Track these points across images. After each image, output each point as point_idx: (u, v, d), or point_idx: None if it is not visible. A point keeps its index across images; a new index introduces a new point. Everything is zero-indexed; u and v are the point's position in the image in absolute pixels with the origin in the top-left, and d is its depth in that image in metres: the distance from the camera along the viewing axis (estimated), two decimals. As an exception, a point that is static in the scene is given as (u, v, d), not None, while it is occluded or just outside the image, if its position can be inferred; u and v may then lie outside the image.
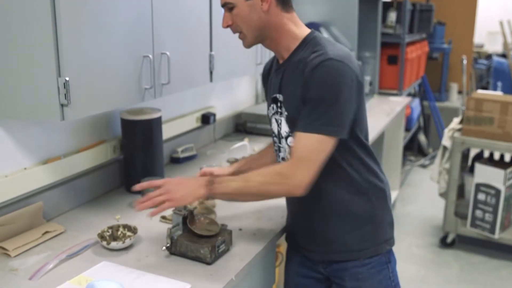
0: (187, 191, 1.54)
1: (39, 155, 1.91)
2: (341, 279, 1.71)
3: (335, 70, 1.45)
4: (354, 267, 1.67)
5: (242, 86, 3.39)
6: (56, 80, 1.47)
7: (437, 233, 4.10)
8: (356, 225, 1.65)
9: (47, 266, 1.57)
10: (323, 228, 1.67)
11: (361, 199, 1.64)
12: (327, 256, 1.71)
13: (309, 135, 1.47)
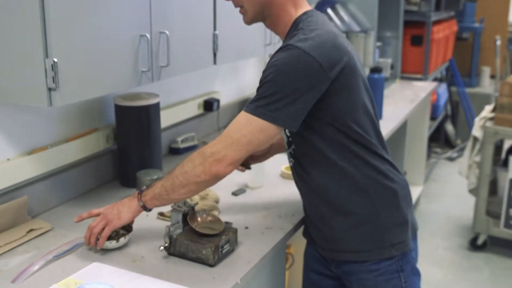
0: (122, 208, 1.66)
1: (23, 144, 1.91)
2: (349, 282, 1.74)
3: (289, 57, 1.47)
4: (360, 272, 1.68)
5: (249, 69, 3.38)
6: (43, 62, 1.46)
7: (466, 234, 4.09)
8: (354, 223, 1.65)
9: (32, 267, 1.58)
10: (323, 224, 1.71)
11: (359, 196, 1.63)
12: (333, 254, 1.74)
13: (243, 114, 1.51)
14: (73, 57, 1.53)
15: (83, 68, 1.57)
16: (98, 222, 1.65)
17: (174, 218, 1.67)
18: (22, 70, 1.50)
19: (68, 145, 2.06)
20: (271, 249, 1.74)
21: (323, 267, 1.82)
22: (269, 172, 2.33)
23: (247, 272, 1.60)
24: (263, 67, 3.61)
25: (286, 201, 2.08)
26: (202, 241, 1.61)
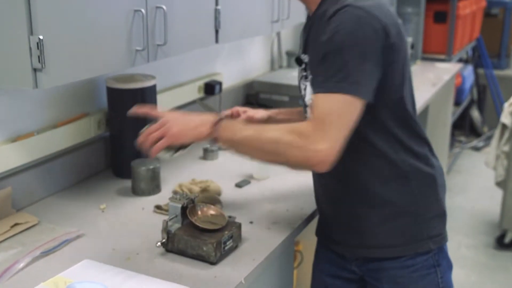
0: (188, 126, 1.58)
1: (7, 130, 1.92)
2: (377, 281, 1.72)
3: (353, 18, 1.45)
4: (393, 269, 1.68)
5: (255, 49, 3.37)
6: (27, 39, 1.46)
7: (492, 231, 4.10)
8: (389, 215, 1.65)
9: (17, 265, 1.59)
10: (351, 218, 1.69)
11: (397, 184, 1.63)
12: (359, 252, 1.73)
13: (328, 95, 1.45)
14: (60, 35, 1.52)
15: (72, 47, 1.57)
16: (157, 129, 1.59)
17: (172, 211, 1.68)
18: (4, 49, 1.50)
19: (56, 132, 2.06)
20: (278, 246, 1.74)
21: (339, 268, 1.81)
22: (276, 162, 2.33)
23: (252, 270, 1.60)
24: (270, 47, 3.63)
25: (294, 194, 2.09)
26: (202, 236, 1.62)
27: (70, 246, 1.72)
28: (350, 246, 1.74)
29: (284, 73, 3.44)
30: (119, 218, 1.90)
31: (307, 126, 1.46)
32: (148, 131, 1.60)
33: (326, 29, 1.48)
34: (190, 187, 2.06)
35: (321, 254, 1.89)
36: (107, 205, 1.98)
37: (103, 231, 1.81)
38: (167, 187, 2.13)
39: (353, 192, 1.66)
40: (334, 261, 1.82)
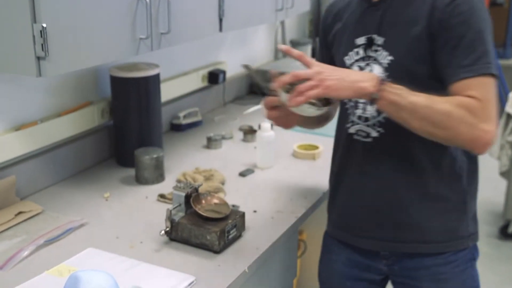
0: (347, 79, 1.43)
1: (11, 119, 1.92)
2: (414, 279, 1.68)
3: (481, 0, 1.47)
4: (436, 265, 1.65)
5: (259, 38, 3.36)
6: (31, 27, 1.46)
7: (496, 222, 4.09)
8: (440, 211, 1.62)
9: (21, 253, 1.59)
10: (401, 212, 1.63)
11: (451, 180, 1.61)
12: (397, 246, 1.66)
13: (482, 78, 1.43)
14: (64, 23, 1.52)
15: (75, 35, 1.57)
16: (309, 77, 1.45)
17: (176, 200, 1.68)
18: (7, 37, 1.50)
19: (59, 120, 2.06)
20: (282, 235, 1.75)
21: (362, 270, 1.75)
22: (280, 151, 2.33)
23: (255, 259, 1.61)
24: (274, 35, 3.61)
25: (298, 183, 2.09)
26: (206, 225, 1.62)
27: (74, 235, 1.72)
28: (386, 240, 1.67)
29: (288, 62, 3.43)
30: (123, 206, 1.90)
31: (475, 104, 1.41)
32: (295, 76, 1.46)
33: (448, 11, 1.45)
34: (193, 176, 2.06)
35: (334, 254, 1.80)
36: (111, 194, 1.98)
37: (107, 220, 1.82)
38: (171, 176, 2.13)
39: (412, 185, 1.61)
40: (352, 260, 1.75)
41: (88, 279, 1.32)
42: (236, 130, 2.62)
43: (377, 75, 1.47)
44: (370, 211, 1.67)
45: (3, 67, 1.55)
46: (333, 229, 1.80)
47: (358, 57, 1.61)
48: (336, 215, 1.78)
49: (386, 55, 1.55)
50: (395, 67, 1.53)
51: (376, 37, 1.57)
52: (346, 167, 1.71)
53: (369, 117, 1.60)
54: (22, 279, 1.47)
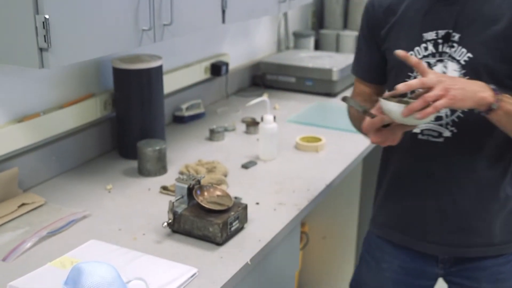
0: (469, 89, 1.37)
1: (13, 111, 1.92)
2: (473, 280, 1.67)
3: None
4: (496, 266, 1.64)
5: (262, 30, 3.35)
6: (33, 18, 1.45)
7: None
8: (508, 211, 1.61)
9: (24, 244, 1.60)
10: (467, 214, 1.61)
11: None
12: (462, 252, 1.65)
13: None
14: (66, 14, 1.51)
15: (78, 26, 1.56)
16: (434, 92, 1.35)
17: (179, 192, 1.68)
18: (10, 28, 1.49)
19: (62, 112, 2.06)
20: (284, 227, 1.75)
21: (416, 277, 1.74)
22: (283, 143, 2.33)
23: (258, 251, 1.61)
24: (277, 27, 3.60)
25: (301, 175, 2.09)
26: (209, 217, 1.62)
27: (77, 226, 1.72)
28: (449, 245, 1.65)
29: (291, 54, 3.42)
30: (125, 198, 1.90)
31: None
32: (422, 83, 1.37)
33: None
34: (196, 168, 2.06)
35: (391, 265, 1.77)
36: (113, 186, 1.98)
37: (109, 212, 1.82)
38: (173, 168, 2.12)
39: (483, 187, 1.59)
40: (410, 269, 1.74)
41: (91, 270, 1.32)
42: (238, 122, 2.62)
43: (490, 86, 1.41)
44: (436, 214, 1.64)
45: (6, 58, 1.55)
46: (388, 230, 1.77)
47: (427, 53, 1.56)
48: (393, 216, 1.74)
49: (464, 52, 1.51)
50: (474, 65, 1.50)
51: (451, 32, 1.52)
52: (409, 168, 1.67)
53: (442, 116, 1.56)
54: (25, 270, 1.47)
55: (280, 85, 3.17)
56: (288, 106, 2.88)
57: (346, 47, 3.64)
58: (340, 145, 2.38)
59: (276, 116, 2.35)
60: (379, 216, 1.80)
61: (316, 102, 2.96)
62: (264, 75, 3.20)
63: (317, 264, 3.09)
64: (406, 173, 1.67)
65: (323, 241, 3.04)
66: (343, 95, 1.58)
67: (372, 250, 1.84)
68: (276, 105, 2.85)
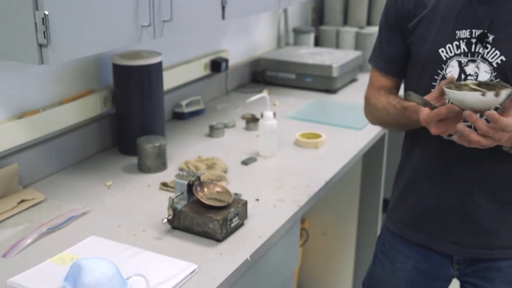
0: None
1: (13, 107, 1.92)
2: (488, 281, 1.66)
3: None
4: (509, 267, 1.64)
5: (262, 26, 3.35)
6: (33, 14, 1.45)
7: None
8: None
9: (24, 241, 1.60)
10: (489, 216, 1.60)
11: None
12: (479, 252, 1.65)
13: None
14: (66, 10, 1.51)
15: (78, 23, 1.56)
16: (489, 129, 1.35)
17: (179, 188, 1.68)
18: (9, 24, 1.49)
19: (62, 108, 2.06)
20: (284, 223, 1.75)
21: (429, 279, 1.74)
22: (282, 140, 2.33)
23: (258, 248, 1.61)
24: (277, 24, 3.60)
25: (300, 171, 2.09)
26: (208, 213, 1.62)
27: (77, 223, 1.72)
28: (474, 247, 1.64)
29: (290, 50, 3.42)
30: (125, 195, 1.90)
31: None
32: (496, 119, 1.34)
33: None
34: (196, 165, 2.06)
35: (405, 265, 1.77)
36: (113, 182, 1.98)
37: (109, 208, 1.82)
38: (173, 164, 2.12)
39: (508, 192, 1.58)
40: (424, 270, 1.73)
41: (91, 267, 1.32)
42: (238, 119, 2.61)
43: None
44: (455, 214, 1.63)
45: (5, 54, 1.54)
46: (403, 227, 1.76)
47: (459, 51, 1.53)
48: (410, 213, 1.73)
49: (497, 54, 1.49)
50: (506, 68, 1.48)
51: (486, 33, 1.50)
52: (430, 166, 1.65)
53: None
54: (25, 267, 1.47)
55: (280, 82, 3.17)
56: (288, 103, 2.88)
57: (346, 44, 3.64)
58: (340, 142, 2.37)
59: (276, 112, 2.35)
60: (395, 212, 1.79)
61: (316, 99, 2.96)
62: (264, 72, 3.20)
63: (317, 260, 3.09)
64: (427, 171, 1.66)
65: (323, 237, 3.05)
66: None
67: (386, 250, 1.83)
68: (276, 101, 2.85)
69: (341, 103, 2.91)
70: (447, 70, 1.55)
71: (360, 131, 2.47)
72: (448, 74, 1.54)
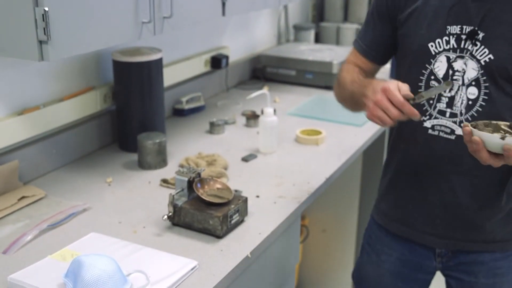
0: None
1: (13, 104, 1.92)
2: (471, 275, 1.67)
3: None
4: (494, 261, 1.64)
5: (262, 22, 3.35)
6: (33, 11, 1.45)
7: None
8: (508, 209, 1.61)
9: (24, 237, 1.60)
10: (473, 210, 1.60)
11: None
12: (460, 245, 1.66)
13: None
14: (66, 6, 1.51)
15: (78, 19, 1.56)
16: None
17: (179, 185, 1.68)
18: (9, 21, 1.49)
19: (62, 105, 2.06)
20: (284, 220, 1.75)
21: (414, 270, 1.74)
22: (283, 136, 2.33)
23: (258, 244, 1.61)
24: (277, 20, 3.60)
25: (301, 168, 2.08)
26: (209, 210, 1.62)
27: (77, 219, 1.72)
28: (450, 238, 1.65)
29: (291, 47, 3.42)
30: (126, 191, 1.90)
31: None
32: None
33: None
34: (196, 161, 2.06)
35: (390, 258, 1.78)
36: (113, 179, 1.98)
37: (109, 205, 1.82)
38: (174, 161, 2.12)
39: (493, 186, 1.58)
40: (408, 262, 1.74)
41: (91, 263, 1.32)
42: (238, 115, 2.61)
43: None
44: (437, 208, 1.63)
45: (5, 51, 1.54)
46: (388, 219, 1.76)
47: (448, 47, 1.53)
48: (394, 206, 1.74)
49: (485, 52, 1.49)
50: (493, 67, 1.48)
51: (477, 30, 1.49)
52: (415, 160, 1.65)
53: (457, 113, 1.54)
54: (25, 263, 1.48)
55: (280, 78, 3.17)
56: (288, 99, 2.87)
57: (346, 40, 3.64)
58: (340, 138, 2.37)
59: (276, 109, 2.35)
60: (381, 203, 1.80)
61: (316, 95, 2.96)
62: (264, 68, 3.20)
63: (317, 257, 3.09)
64: (412, 165, 1.66)
65: (323, 234, 3.05)
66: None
67: (372, 242, 1.84)
68: (276, 98, 2.85)
69: (341, 99, 2.91)
70: (435, 65, 1.55)
71: (360, 128, 2.47)
72: (436, 69, 1.54)
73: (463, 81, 1.52)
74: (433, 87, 1.52)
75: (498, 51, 1.47)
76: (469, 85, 1.51)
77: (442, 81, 1.53)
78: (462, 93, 1.53)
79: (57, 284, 1.37)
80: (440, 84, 1.54)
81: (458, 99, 1.53)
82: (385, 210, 1.78)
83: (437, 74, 1.55)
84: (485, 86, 1.49)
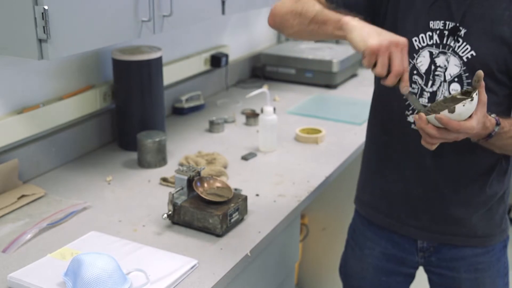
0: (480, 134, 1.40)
1: (13, 102, 1.92)
2: (452, 270, 1.68)
3: None
4: (475, 256, 1.65)
5: (262, 21, 3.34)
6: (32, 9, 1.45)
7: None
8: (494, 205, 1.62)
9: (24, 236, 1.60)
10: (454, 204, 1.61)
11: (503, 174, 1.61)
12: (442, 238, 1.65)
13: None
14: (65, 5, 1.51)
15: (77, 17, 1.56)
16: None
17: (179, 183, 1.68)
18: (9, 20, 1.49)
19: (62, 104, 2.06)
20: (284, 218, 1.75)
21: (397, 264, 1.74)
22: (282, 135, 2.33)
23: (258, 243, 1.61)
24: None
25: (300, 167, 2.08)
26: (209, 209, 1.62)
27: (77, 218, 1.72)
28: (431, 231, 1.65)
29: (291, 45, 3.42)
30: (125, 190, 1.90)
31: None
32: None
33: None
34: (196, 160, 2.06)
35: (373, 252, 1.78)
36: (113, 177, 1.98)
37: (109, 203, 1.82)
38: (173, 159, 2.12)
39: (473, 181, 1.59)
40: (391, 256, 1.74)
41: (91, 262, 1.32)
42: (238, 114, 2.61)
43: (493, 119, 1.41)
44: (420, 201, 1.63)
45: (5, 49, 1.54)
46: (371, 211, 1.76)
47: (431, 42, 1.53)
48: (377, 198, 1.74)
49: (467, 49, 1.48)
50: (475, 63, 1.47)
51: (458, 26, 1.49)
52: (397, 154, 1.65)
53: (424, 103, 1.54)
54: (25, 262, 1.48)
55: (280, 77, 3.17)
56: (288, 98, 2.87)
57: (346, 39, 3.63)
58: (340, 137, 2.37)
59: (276, 107, 2.35)
60: (363, 195, 1.80)
61: (316, 94, 2.95)
62: (264, 67, 3.20)
63: (317, 255, 3.09)
64: (394, 157, 1.66)
65: (323, 232, 3.04)
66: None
67: (356, 236, 1.84)
68: (276, 96, 2.85)
69: (341, 98, 2.91)
70: (418, 60, 1.54)
71: (360, 126, 2.47)
72: (419, 64, 1.53)
73: (444, 78, 1.52)
74: (415, 99, 1.51)
75: (480, 47, 1.47)
76: (452, 81, 1.51)
77: (427, 75, 1.53)
78: (443, 89, 1.53)
79: (57, 282, 1.38)
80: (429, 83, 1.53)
81: (440, 95, 1.53)
82: (369, 201, 1.77)
83: (420, 69, 1.54)
84: (468, 82, 1.49)
